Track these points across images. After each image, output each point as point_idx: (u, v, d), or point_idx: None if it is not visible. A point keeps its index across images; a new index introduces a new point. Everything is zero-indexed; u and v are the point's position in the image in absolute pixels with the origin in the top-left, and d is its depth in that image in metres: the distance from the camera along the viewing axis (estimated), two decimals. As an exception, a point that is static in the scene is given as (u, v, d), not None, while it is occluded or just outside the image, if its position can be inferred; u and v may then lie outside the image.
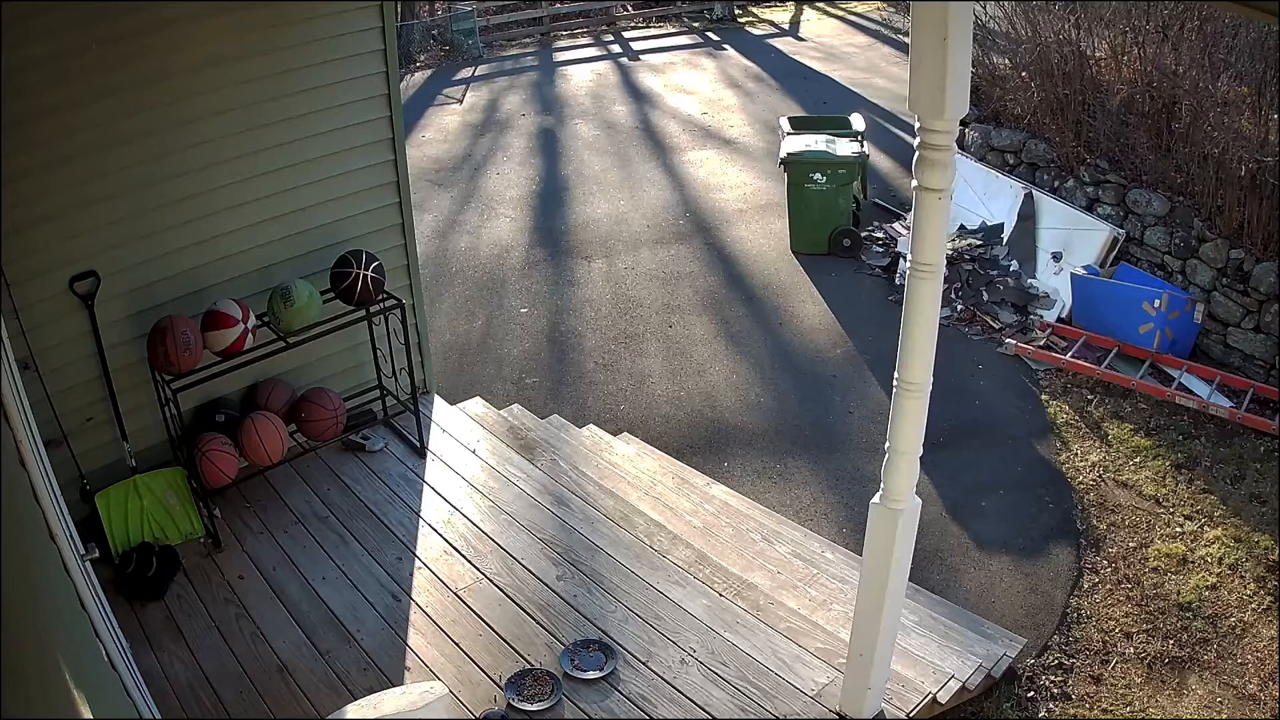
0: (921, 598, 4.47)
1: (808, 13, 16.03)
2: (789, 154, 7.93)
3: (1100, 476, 5.60)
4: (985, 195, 7.85)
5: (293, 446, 4.86)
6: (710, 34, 15.02)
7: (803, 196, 7.98)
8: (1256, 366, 6.25)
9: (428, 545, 4.59)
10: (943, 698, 3.88)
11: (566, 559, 4.47)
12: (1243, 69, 6.68)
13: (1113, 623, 4.67)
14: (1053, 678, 4.40)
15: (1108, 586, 4.89)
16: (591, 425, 5.93)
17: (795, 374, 6.68)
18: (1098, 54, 7.58)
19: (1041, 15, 7.92)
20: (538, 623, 4.12)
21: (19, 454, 2.65)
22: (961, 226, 7.70)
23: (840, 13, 15.97)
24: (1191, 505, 5.32)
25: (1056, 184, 7.65)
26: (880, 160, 9.67)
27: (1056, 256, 7.26)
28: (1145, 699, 4.30)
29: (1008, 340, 6.79)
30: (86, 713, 2.07)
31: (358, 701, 3.47)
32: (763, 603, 4.23)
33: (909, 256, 3.00)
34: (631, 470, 5.37)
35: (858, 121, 8.71)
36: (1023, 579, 4.95)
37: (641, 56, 14.09)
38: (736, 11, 15.82)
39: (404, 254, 5.37)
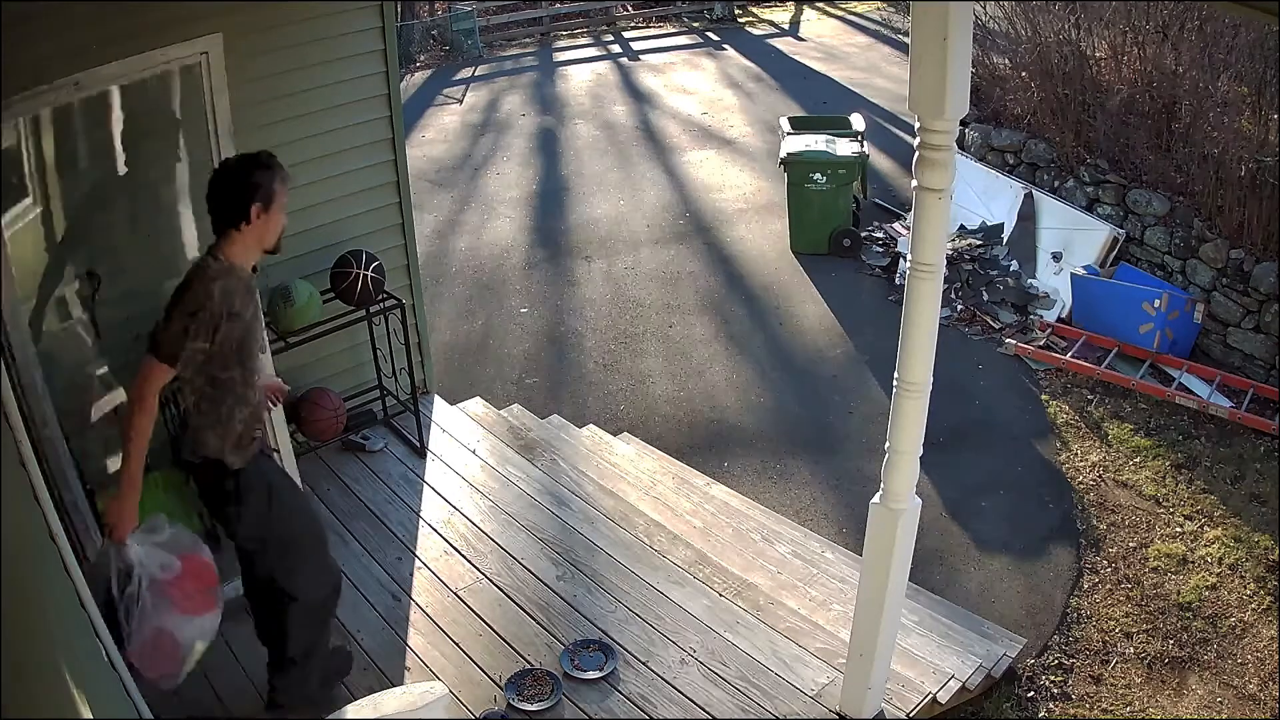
0: (921, 598, 4.47)
1: (808, 13, 16.03)
2: (789, 154, 7.93)
3: (1100, 476, 5.60)
4: (985, 195, 7.85)
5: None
6: (710, 34, 15.02)
7: (803, 196, 7.98)
8: (1256, 366, 6.25)
9: (428, 545, 4.59)
10: (943, 698, 3.88)
11: (566, 559, 4.47)
12: (1243, 69, 6.68)
13: (1113, 623, 4.67)
14: (1053, 678, 4.40)
15: (1108, 586, 4.89)
16: (591, 425, 5.93)
17: (795, 374, 6.68)
18: (1098, 54, 7.59)
19: (1041, 15, 7.93)
20: (538, 623, 4.12)
21: (19, 454, 2.65)
22: (961, 226, 7.70)
23: (840, 13, 15.97)
24: (1191, 505, 5.32)
25: (1056, 184, 7.65)
26: (880, 160, 9.67)
27: (1056, 256, 7.26)
28: (1145, 699, 4.29)
29: (1008, 340, 6.79)
30: (86, 713, 2.07)
31: (358, 701, 3.47)
32: (763, 603, 4.22)
33: (909, 256, 3.00)
34: (631, 470, 5.37)
35: (858, 121, 8.71)
36: (1023, 579, 4.95)
37: (641, 56, 14.10)
38: (736, 11, 15.82)
39: (404, 254, 5.36)
